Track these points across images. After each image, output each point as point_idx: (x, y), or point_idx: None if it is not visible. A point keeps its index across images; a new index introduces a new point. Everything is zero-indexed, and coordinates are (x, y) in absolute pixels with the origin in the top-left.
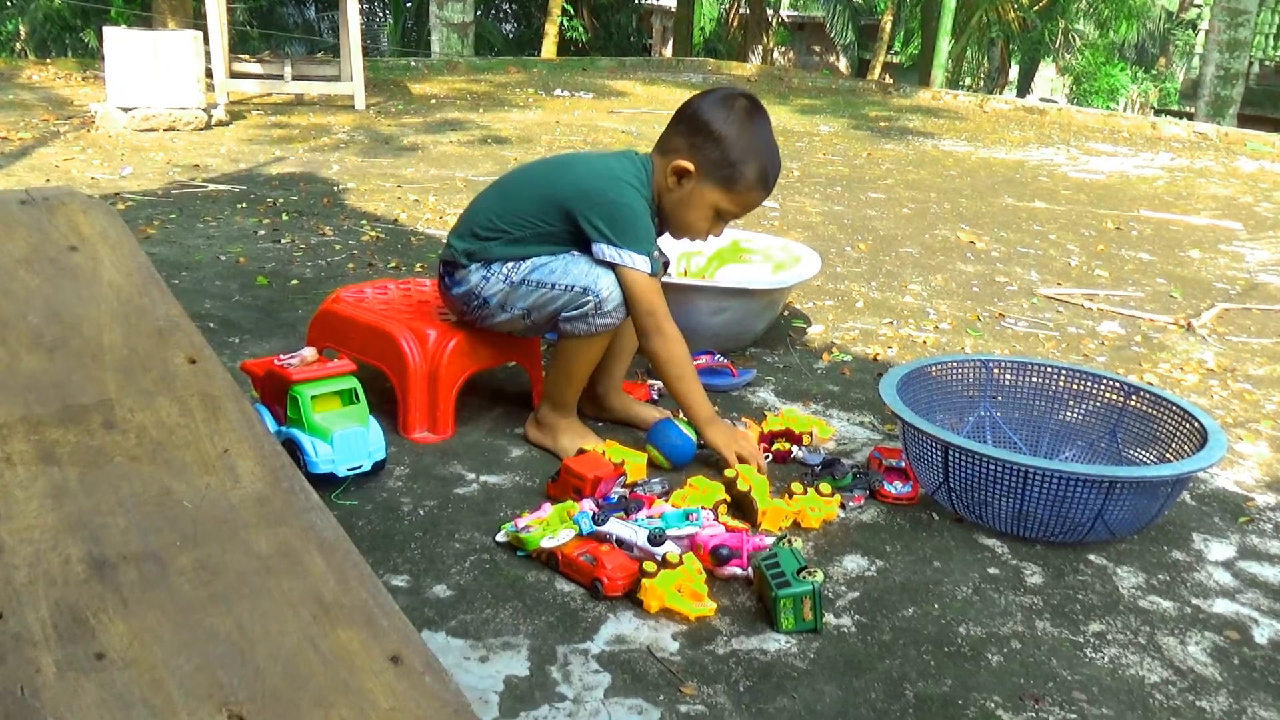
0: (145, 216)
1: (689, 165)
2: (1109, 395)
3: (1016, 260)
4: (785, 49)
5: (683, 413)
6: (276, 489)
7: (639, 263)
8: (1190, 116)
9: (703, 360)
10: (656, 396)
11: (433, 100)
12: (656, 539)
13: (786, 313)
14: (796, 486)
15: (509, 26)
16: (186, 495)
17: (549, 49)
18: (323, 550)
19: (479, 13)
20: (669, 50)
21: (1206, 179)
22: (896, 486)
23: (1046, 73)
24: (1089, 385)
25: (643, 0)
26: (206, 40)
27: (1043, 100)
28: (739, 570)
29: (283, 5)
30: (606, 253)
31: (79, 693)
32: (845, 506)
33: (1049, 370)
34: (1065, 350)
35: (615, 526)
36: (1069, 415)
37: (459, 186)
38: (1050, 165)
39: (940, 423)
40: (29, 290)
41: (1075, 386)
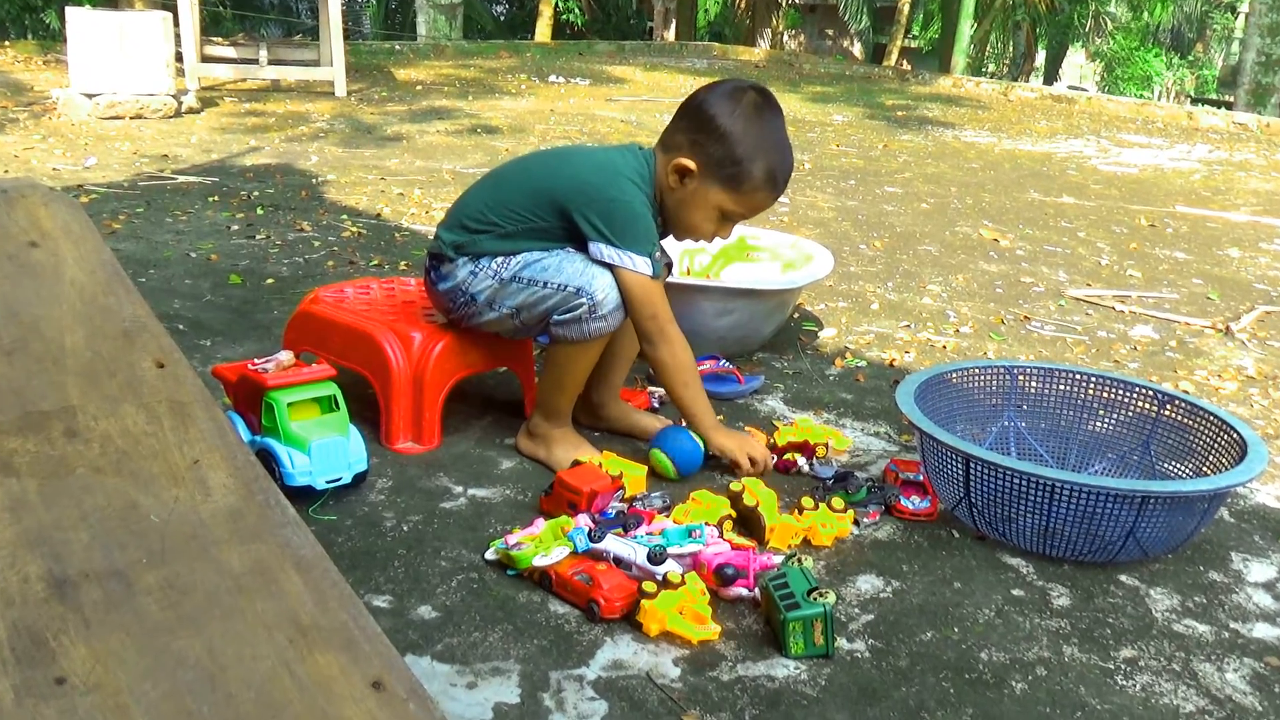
0: (110, 210)
1: (691, 164)
2: (1142, 404)
3: (1043, 259)
4: (796, 32)
5: (686, 421)
6: (250, 503)
7: (639, 264)
8: (1229, 106)
9: (707, 365)
10: (657, 405)
11: (418, 86)
12: (657, 557)
13: (796, 315)
14: (807, 501)
15: (500, 8)
16: (153, 509)
17: (543, 32)
18: (300, 569)
19: None
20: (671, 34)
21: (1246, 173)
22: (914, 501)
23: (1075, 59)
24: (1120, 393)
25: None
26: (176, 22)
27: (1071, 88)
28: (745, 591)
29: None
30: (605, 253)
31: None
32: (859, 523)
33: (1077, 377)
34: (1095, 356)
35: (612, 544)
36: (1099, 426)
37: (446, 179)
38: (1079, 158)
39: (961, 433)
40: None
41: (1106, 395)
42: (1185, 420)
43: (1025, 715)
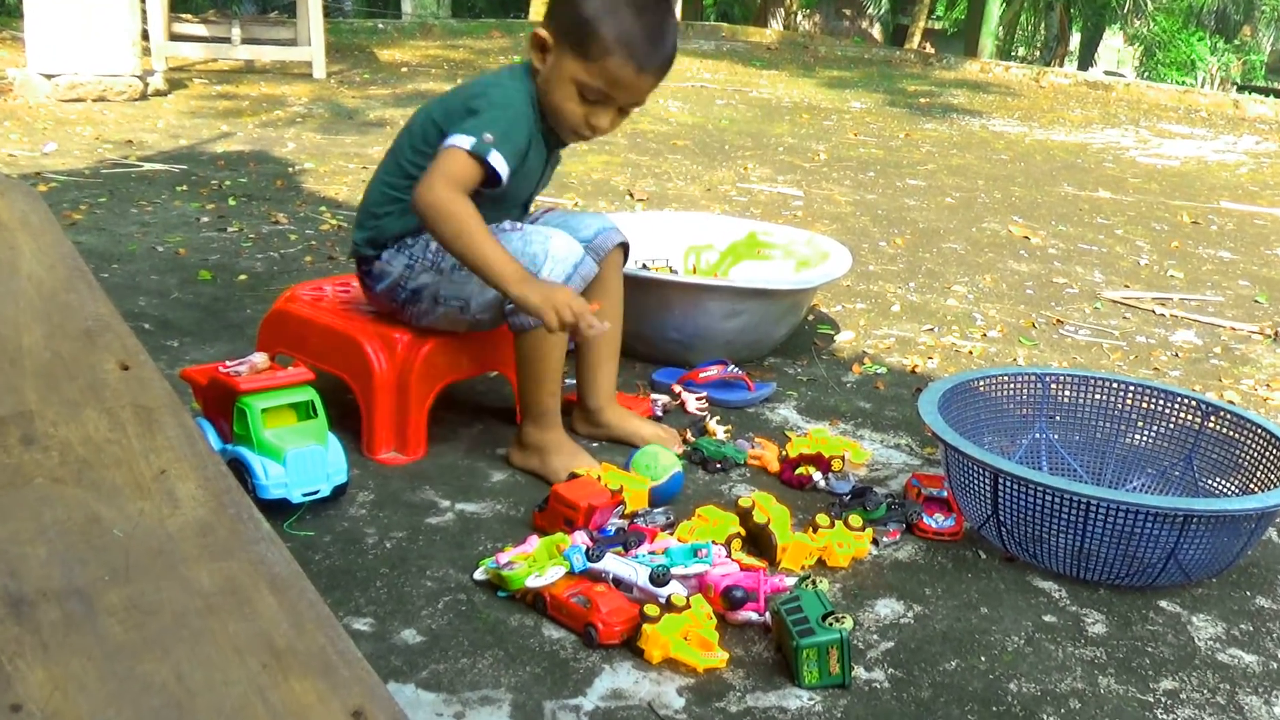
0: (71, 200)
1: (545, 34)
2: (1184, 415)
3: (1077, 258)
4: (810, 13)
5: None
6: (221, 516)
7: (457, 139)
8: (1278, 94)
9: (713, 372)
10: (660, 414)
11: (403, 69)
12: (660, 578)
13: (811, 317)
14: (822, 519)
15: None
16: (117, 523)
17: (538, 10)
18: (274, 588)
19: None
20: (677, 14)
21: None
22: (938, 519)
23: (1112, 42)
24: (1161, 404)
25: None
26: None
27: (1108, 74)
28: (755, 615)
29: None
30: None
31: None
32: (878, 542)
33: (1114, 386)
34: (1133, 363)
35: (612, 564)
36: (1137, 438)
37: None
38: (1116, 149)
39: (989, 446)
40: None
41: (1145, 405)
42: (1231, 433)
43: None
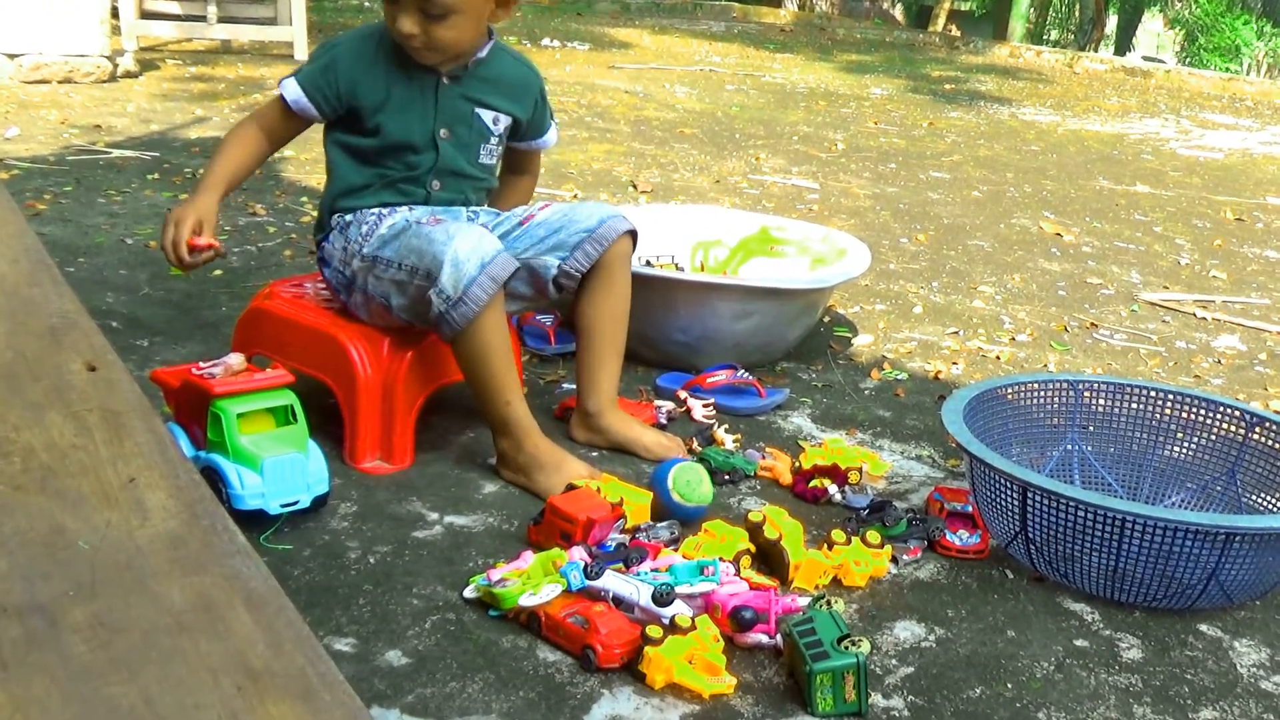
0: (34, 188)
1: None
2: (1226, 426)
3: (1113, 258)
4: None
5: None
6: (193, 528)
7: (283, 86)
8: None
9: (722, 377)
10: (665, 421)
11: None
12: (663, 598)
13: (827, 319)
14: (838, 535)
15: None
16: (82, 534)
17: None
18: (250, 605)
19: None
20: None
21: None
22: (961, 536)
23: (1152, 25)
24: (1202, 414)
25: None
26: None
27: (1147, 60)
28: (765, 638)
29: None
30: None
31: None
32: (898, 560)
33: (1152, 394)
34: (1172, 370)
35: (612, 581)
36: (1176, 451)
37: None
38: (1156, 140)
39: (1017, 458)
40: None
41: (1185, 415)
42: (1277, 446)
43: None
